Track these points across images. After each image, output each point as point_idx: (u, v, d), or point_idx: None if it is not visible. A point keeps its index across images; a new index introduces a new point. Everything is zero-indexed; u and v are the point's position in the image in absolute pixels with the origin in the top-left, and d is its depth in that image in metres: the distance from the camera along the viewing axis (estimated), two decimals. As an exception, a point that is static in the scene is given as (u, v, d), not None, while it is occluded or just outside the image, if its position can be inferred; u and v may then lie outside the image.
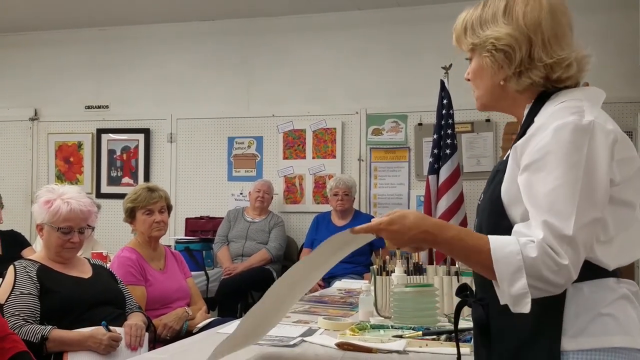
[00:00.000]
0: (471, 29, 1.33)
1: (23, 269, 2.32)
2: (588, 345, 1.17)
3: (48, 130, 5.97)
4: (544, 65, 1.26)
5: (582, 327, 1.18)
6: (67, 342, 2.23)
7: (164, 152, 5.73)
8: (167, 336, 2.70)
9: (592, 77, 4.64)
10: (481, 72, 1.33)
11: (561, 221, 1.12)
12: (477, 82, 1.36)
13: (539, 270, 1.12)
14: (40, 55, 6.00)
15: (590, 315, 1.18)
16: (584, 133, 1.15)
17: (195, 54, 5.67)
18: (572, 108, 1.19)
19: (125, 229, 3.52)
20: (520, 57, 1.26)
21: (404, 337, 1.80)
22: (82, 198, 2.44)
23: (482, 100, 1.37)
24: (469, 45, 1.34)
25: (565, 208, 1.13)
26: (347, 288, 3.19)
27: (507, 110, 1.38)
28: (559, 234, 1.12)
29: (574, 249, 1.12)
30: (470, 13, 1.35)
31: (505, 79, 1.30)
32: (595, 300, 1.19)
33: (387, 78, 5.24)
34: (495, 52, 1.28)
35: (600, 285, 1.20)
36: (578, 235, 1.12)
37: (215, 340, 1.85)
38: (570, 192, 1.13)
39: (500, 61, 1.28)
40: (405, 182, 5.20)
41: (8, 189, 5.08)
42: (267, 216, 5.05)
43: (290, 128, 5.45)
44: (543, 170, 1.16)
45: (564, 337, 1.18)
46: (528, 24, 1.26)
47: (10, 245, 4.15)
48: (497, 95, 1.34)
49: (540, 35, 1.26)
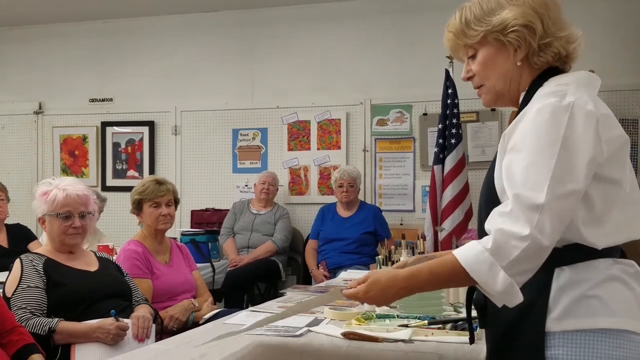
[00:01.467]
0: (476, 20, 1.35)
1: (29, 262, 2.33)
2: (572, 326, 1.19)
3: (53, 123, 5.98)
4: (559, 37, 1.31)
5: (566, 309, 1.19)
6: (75, 334, 2.24)
7: (169, 144, 5.73)
8: (173, 327, 2.72)
9: (598, 64, 4.68)
10: (495, 58, 1.35)
11: (532, 192, 1.15)
12: (488, 72, 1.37)
13: (508, 253, 1.14)
14: (44, 49, 6.00)
15: (574, 296, 1.20)
16: (563, 113, 1.18)
17: (199, 45, 5.66)
18: (555, 92, 1.23)
19: (131, 222, 3.53)
20: (540, 29, 1.30)
21: (410, 327, 1.81)
22: (77, 184, 2.47)
23: (494, 89, 1.38)
24: (478, 34, 1.34)
25: (537, 180, 1.16)
26: (352, 278, 3.19)
27: (515, 99, 1.38)
28: (528, 203, 1.15)
29: (542, 217, 1.13)
30: (466, 11, 1.37)
31: (525, 57, 1.32)
32: (579, 281, 1.21)
33: (392, 68, 5.21)
34: (520, 28, 1.30)
35: (587, 267, 1.22)
36: (550, 204, 1.14)
37: (222, 330, 1.86)
38: (544, 167, 1.16)
39: (526, 36, 1.30)
40: (410, 172, 5.19)
41: (14, 182, 5.10)
42: (272, 208, 5.06)
43: (295, 119, 5.44)
44: (521, 151, 1.19)
45: (549, 318, 1.20)
46: (535, 1, 1.32)
47: (16, 238, 4.17)
48: (513, 78, 1.35)
49: (548, 12, 1.31)
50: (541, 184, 1.15)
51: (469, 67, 1.40)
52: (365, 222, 4.74)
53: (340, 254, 4.66)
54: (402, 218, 5.18)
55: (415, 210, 5.15)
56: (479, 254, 1.17)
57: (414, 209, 5.16)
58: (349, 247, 4.67)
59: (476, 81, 1.40)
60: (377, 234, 4.70)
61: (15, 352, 2.01)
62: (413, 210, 5.16)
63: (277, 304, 2.39)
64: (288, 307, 1.76)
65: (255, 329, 1.86)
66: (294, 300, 2.44)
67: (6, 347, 2.01)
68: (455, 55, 1.45)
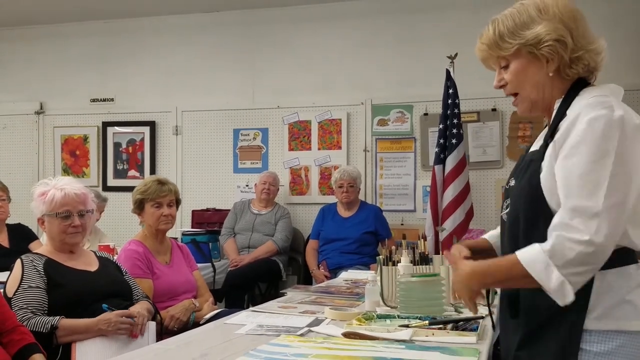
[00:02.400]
0: (510, 33, 1.44)
1: (30, 262, 2.34)
2: (608, 327, 1.32)
3: (54, 123, 5.99)
4: (588, 51, 1.41)
5: (606, 311, 1.32)
6: (77, 329, 2.24)
7: (170, 144, 5.74)
8: (174, 327, 2.72)
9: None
10: (527, 69, 1.45)
11: (589, 201, 1.25)
12: (522, 82, 1.46)
13: (564, 255, 1.26)
14: (45, 49, 6.00)
15: (614, 300, 1.32)
16: (615, 126, 1.28)
17: (199, 45, 5.66)
18: (603, 103, 1.32)
19: (132, 222, 3.54)
20: (570, 43, 1.40)
21: (411, 327, 1.81)
22: (74, 184, 2.48)
23: (528, 99, 1.48)
24: (513, 47, 1.44)
25: (594, 189, 1.25)
26: (353, 278, 3.20)
27: (547, 105, 1.47)
28: (584, 212, 1.25)
29: (600, 224, 1.24)
30: (499, 24, 1.46)
31: (557, 69, 1.42)
32: (619, 287, 1.33)
33: (393, 68, 5.22)
34: (552, 42, 1.40)
35: (624, 272, 1.34)
36: (606, 212, 1.24)
37: (223, 330, 1.86)
38: (600, 177, 1.26)
39: (558, 49, 1.40)
40: (411, 172, 5.19)
41: (15, 182, 5.09)
42: (273, 208, 5.06)
43: (296, 119, 5.45)
44: (576, 159, 1.28)
45: (588, 317, 1.32)
46: (565, 17, 1.41)
47: (17, 238, 4.17)
48: (545, 88, 1.45)
49: (577, 26, 1.42)
50: (598, 192, 1.25)
51: (501, 76, 1.50)
52: (366, 222, 4.74)
53: (340, 254, 4.66)
54: (402, 218, 5.18)
55: (416, 210, 5.15)
56: (538, 253, 1.29)
57: (414, 209, 5.16)
58: (350, 247, 4.67)
59: (509, 89, 1.50)
60: (378, 234, 4.70)
61: (16, 351, 2.01)
62: (414, 210, 5.16)
63: (277, 304, 2.39)
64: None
65: (257, 328, 1.87)
66: (295, 301, 2.44)
67: (7, 347, 2.02)
68: (485, 64, 1.55)
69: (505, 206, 1.50)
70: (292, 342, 1.67)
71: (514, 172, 1.51)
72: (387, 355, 1.50)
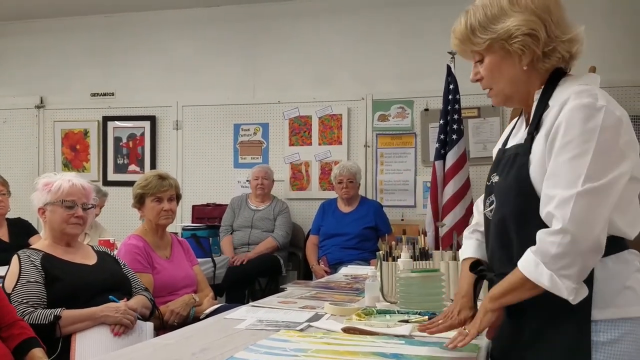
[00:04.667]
0: (481, 27, 1.40)
1: (27, 257, 2.33)
2: (614, 315, 1.31)
3: (54, 118, 5.98)
4: (563, 41, 1.37)
5: (610, 299, 1.31)
6: (80, 318, 2.25)
7: (170, 139, 5.73)
8: (174, 322, 2.72)
9: (599, 59, 4.64)
10: (501, 64, 1.41)
11: (564, 189, 1.25)
12: (496, 77, 1.43)
13: (547, 251, 1.26)
14: (45, 43, 5.99)
15: (616, 288, 1.32)
16: (600, 117, 1.26)
17: (200, 40, 5.65)
18: (587, 92, 1.30)
19: (132, 216, 3.53)
20: (544, 36, 1.36)
21: (410, 322, 1.81)
22: (79, 178, 2.51)
23: (503, 92, 1.45)
24: (484, 42, 1.40)
25: (573, 179, 1.25)
26: (353, 274, 3.20)
27: (523, 97, 1.45)
28: (559, 199, 1.25)
29: (575, 209, 1.23)
30: (470, 16, 1.42)
31: (531, 61, 1.38)
32: (619, 273, 1.33)
33: (393, 63, 5.21)
34: (523, 37, 1.35)
35: (621, 258, 1.33)
36: (581, 197, 1.23)
37: (223, 325, 1.86)
38: (580, 167, 1.25)
39: (529, 44, 1.36)
40: (411, 168, 5.19)
41: (15, 177, 5.09)
42: (271, 203, 5.05)
43: (296, 114, 5.44)
44: (564, 153, 1.28)
45: (594, 308, 1.31)
46: (538, 8, 1.36)
47: (17, 233, 4.17)
48: (520, 82, 1.42)
49: (550, 16, 1.36)
50: (574, 180, 1.25)
51: (477, 69, 1.46)
52: (366, 218, 4.74)
53: (341, 250, 4.66)
54: (403, 213, 5.18)
55: (416, 206, 5.15)
56: (528, 254, 1.30)
57: (415, 205, 5.16)
58: (350, 243, 4.67)
59: (485, 84, 1.46)
60: (378, 229, 4.70)
61: (16, 345, 2.02)
62: (414, 205, 5.16)
63: (277, 299, 2.39)
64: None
65: (257, 323, 1.87)
66: (295, 296, 2.44)
67: (7, 341, 2.02)
68: (463, 57, 1.50)
69: (488, 203, 1.47)
70: (292, 337, 1.67)
71: (496, 168, 1.48)
72: (386, 351, 1.50)
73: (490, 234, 1.48)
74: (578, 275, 1.26)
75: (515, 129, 1.51)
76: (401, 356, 1.45)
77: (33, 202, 2.46)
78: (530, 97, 1.43)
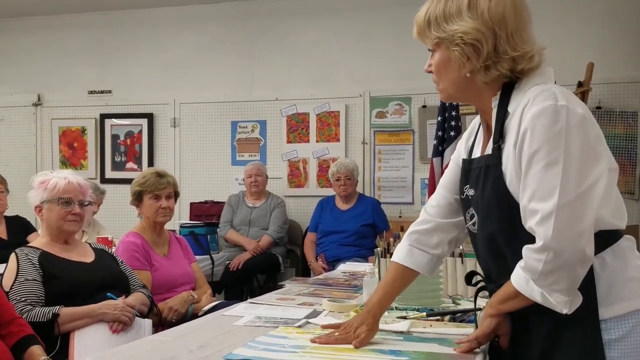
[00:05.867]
0: (435, 23, 1.37)
1: (25, 255, 2.33)
2: (622, 310, 1.27)
3: (51, 115, 5.98)
4: (509, 57, 1.31)
5: (615, 295, 1.28)
6: (78, 315, 2.25)
7: (168, 136, 5.73)
8: (172, 319, 2.72)
9: (598, 57, 4.65)
10: (446, 65, 1.38)
11: (540, 203, 1.22)
12: (442, 75, 1.40)
13: (534, 268, 1.24)
14: (42, 41, 5.98)
15: (620, 281, 1.28)
16: (560, 117, 1.22)
17: (198, 37, 5.64)
18: (543, 93, 1.26)
19: (130, 214, 3.53)
20: (487, 50, 1.31)
21: (408, 318, 1.81)
22: (76, 175, 2.52)
23: (447, 91, 1.42)
24: (434, 39, 1.38)
25: (546, 190, 1.22)
26: (351, 271, 3.20)
27: (472, 100, 1.44)
28: (541, 216, 1.22)
29: (556, 224, 1.20)
30: (432, 7, 1.38)
31: (472, 71, 1.34)
32: (620, 266, 1.29)
33: (391, 60, 5.20)
34: (464, 46, 1.32)
35: (616, 250, 1.30)
36: (560, 211, 1.20)
37: (221, 322, 1.86)
38: (552, 175, 1.21)
39: (468, 54, 1.32)
40: (409, 165, 5.19)
41: (13, 174, 5.08)
42: (267, 199, 5.04)
43: (294, 112, 5.44)
44: (534, 166, 1.24)
45: (601, 307, 1.27)
46: (493, 18, 1.31)
47: (15, 230, 4.17)
48: (463, 87, 1.39)
49: (504, 29, 1.31)
50: (550, 192, 1.21)
51: (430, 62, 1.43)
52: (364, 215, 4.75)
53: (339, 247, 4.67)
54: (401, 210, 5.19)
55: (414, 203, 5.16)
56: (517, 270, 1.29)
57: (412, 202, 5.17)
58: (348, 240, 4.68)
59: (433, 78, 1.44)
60: (376, 226, 4.70)
61: (14, 343, 2.02)
62: (412, 202, 5.17)
63: (276, 295, 2.39)
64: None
65: (255, 320, 1.87)
66: (293, 293, 2.44)
67: (5, 339, 2.02)
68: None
69: (469, 217, 1.44)
70: (290, 333, 1.67)
71: (467, 180, 1.43)
72: (384, 347, 1.50)
73: (478, 247, 1.46)
74: (569, 288, 1.23)
75: (478, 138, 1.48)
76: (399, 352, 1.46)
77: (30, 200, 2.46)
78: (483, 103, 1.39)
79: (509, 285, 1.32)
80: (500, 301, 1.35)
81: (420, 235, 1.61)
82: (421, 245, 1.60)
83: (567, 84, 3.94)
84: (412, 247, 1.60)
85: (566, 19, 4.63)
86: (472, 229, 1.45)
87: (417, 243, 1.60)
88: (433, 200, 1.63)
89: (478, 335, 1.40)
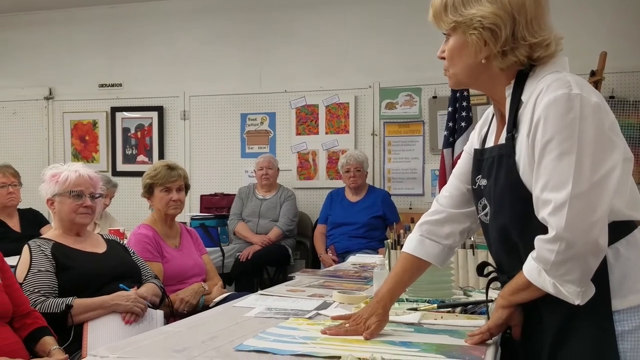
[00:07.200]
0: (453, 6, 1.35)
1: (37, 247, 2.36)
2: (636, 301, 1.26)
3: (63, 109, 6.01)
4: (527, 44, 1.30)
5: (629, 286, 1.26)
6: (92, 306, 2.27)
7: (178, 129, 5.75)
8: (184, 310, 2.74)
9: (609, 46, 4.59)
10: (462, 50, 1.36)
11: (553, 193, 1.20)
12: (455, 60, 1.39)
13: (546, 258, 1.23)
14: (53, 35, 6.01)
15: (634, 273, 1.27)
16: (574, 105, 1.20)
17: (207, 30, 5.64)
18: (557, 81, 1.24)
19: (142, 206, 3.55)
20: (505, 35, 1.30)
21: (419, 310, 1.81)
22: (86, 168, 2.53)
23: (458, 77, 1.41)
24: (450, 23, 1.36)
25: (559, 180, 1.20)
26: (361, 262, 3.20)
27: (483, 88, 1.43)
28: (554, 206, 1.20)
29: (566, 215, 1.18)
30: None
31: (488, 57, 1.33)
32: (634, 257, 1.28)
33: (401, 51, 5.18)
34: (482, 30, 1.30)
35: (631, 240, 1.28)
36: (570, 202, 1.18)
37: (232, 313, 1.87)
38: (565, 165, 1.20)
39: (486, 39, 1.31)
40: (419, 156, 5.18)
41: (25, 168, 5.11)
42: (277, 191, 5.04)
43: (303, 103, 5.43)
44: (547, 155, 1.23)
45: (614, 298, 1.26)
46: (512, 3, 1.30)
47: (29, 223, 4.20)
48: (477, 73, 1.37)
49: (524, 15, 1.30)
50: (563, 182, 1.20)
51: (443, 47, 1.42)
52: (374, 207, 4.74)
53: (349, 239, 4.67)
54: (411, 202, 5.18)
55: (424, 194, 5.14)
56: (530, 260, 1.28)
57: (423, 193, 5.15)
58: (358, 232, 4.68)
59: (445, 64, 1.42)
60: (386, 218, 4.70)
61: (27, 334, 2.04)
62: (422, 194, 5.16)
63: (286, 287, 2.40)
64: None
65: (266, 311, 1.88)
66: (303, 284, 2.45)
67: (19, 331, 2.04)
68: (438, 29, 1.45)
69: (481, 207, 1.43)
70: (301, 325, 1.68)
71: (480, 170, 1.43)
72: (395, 339, 1.51)
73: (490, 238, 1.45)
74: (581, 279, 1.22)
75: (492, 128, 1.47)
76: (410, 344, 1.46)
77: (41, 193, 2.48)
78: (496, 91, 1.39)
79: (521, 276, 1.31)
80: (512, 292, 1.35)
81: (432, 226, 1.60)
82: (432, 236, 1.60)
83: (580, 73, 3.90)
84: (424, 237, 1.60)
85: (579, 8, 4.58)
86: (484, 220, 1.44)
87: (429, 233, 1.60)
88: (445, 191, 1.63)
89: (490, 327, 1.40)
